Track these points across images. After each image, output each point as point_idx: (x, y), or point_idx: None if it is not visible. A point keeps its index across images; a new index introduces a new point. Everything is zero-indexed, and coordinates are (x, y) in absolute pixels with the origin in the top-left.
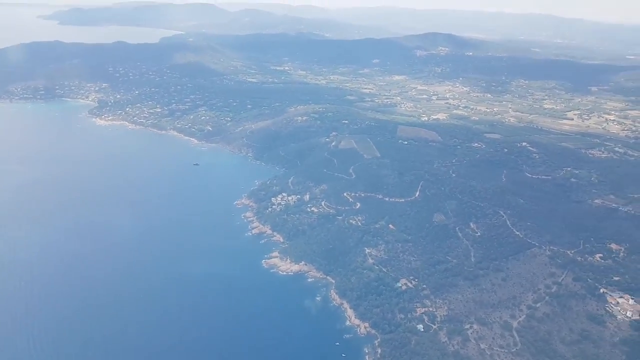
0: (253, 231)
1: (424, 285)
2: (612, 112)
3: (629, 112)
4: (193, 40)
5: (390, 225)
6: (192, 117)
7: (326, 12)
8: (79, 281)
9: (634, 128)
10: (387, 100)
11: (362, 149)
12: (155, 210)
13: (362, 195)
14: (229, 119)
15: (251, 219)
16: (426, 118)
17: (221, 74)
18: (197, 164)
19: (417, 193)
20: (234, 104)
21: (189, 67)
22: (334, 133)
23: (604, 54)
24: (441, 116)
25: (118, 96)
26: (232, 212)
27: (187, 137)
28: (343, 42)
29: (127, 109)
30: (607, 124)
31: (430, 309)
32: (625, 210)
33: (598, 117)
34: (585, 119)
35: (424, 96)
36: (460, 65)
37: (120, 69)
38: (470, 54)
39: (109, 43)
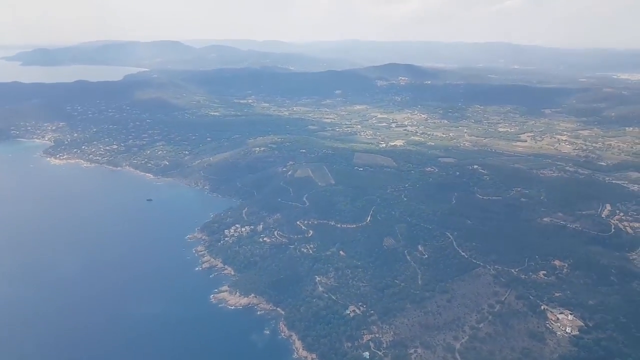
0: (203, 265)
1: (372, 311)
2: (564, 133)
3: (580, 132)
4: (157, 77)
5: (341, 252)
6: (148, 152)
7: (292, 47)
8: (17, 323)
9: (584, 147)
10: (348, 129)
11: (318, 176)
12: (102, 249)
13: (315, 222)
14: (187, 152)
15: (202, 252)
16: (384, 145)
17: (182, 109)
18: (150, 200)
19: (369, 218)
20: (193, 137)
21: (150, 103)
22: (290, 162)
23: (557, 77)
24: (399, 143)
25: (75, 135)
26: (183, 246)
27: (142, 173)
28: (306, 74)
29: (83, 147)
30: (559, 144)
31: (377, 335)
32: (573, 227)
33: (550, 138)
34: (538, 140)
35: (384, 124)
36: (419, 94)
37: (79, 108)
38: (429, 82)
39: (69, 82)
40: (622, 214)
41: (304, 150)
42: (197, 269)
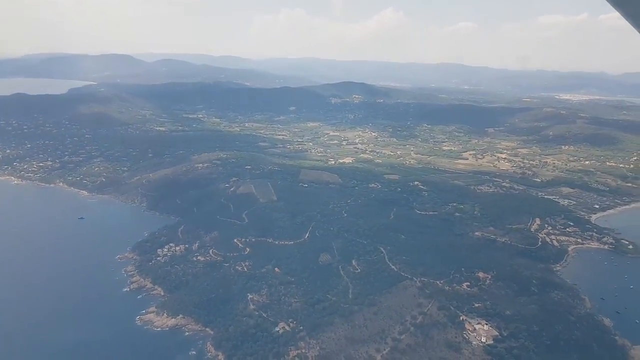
0: (132, 286)
1: (301, 327)
2: (504, 151)
3: (519, 150)
4: (103, 91)
5: (276, 269)
6: (85, 168)
7: (249, 63)
8: None
9: (522, 164)
10: (299, 146)
11: (260, 193)
12: (25, 270)
13: (253, 240)
14: (125, 169)
15: (132, 273)
16: (333, 162)
17: (126, 124)
18: (82, 218)
19: (307, 234)
20: (134, 153)
21: (92, 117)
22: (234, 179)
23: (503, 98)
24: (347, 160)
25: (8, 151)
26: (113, 266)
27: (76, 190)
28: (261, 90)
29: (15, 163)
30: (499, 161)
31: (303, 351)
32: (503, 240)
33: (491, 156)
34: (479, 158)
35: (335, 141)
36: (371, 112)
37: (14, 122)
38: (381, 101)
39: (6, 95)
40: (550, 228)
41: (249, 167)
42: (125, 290)
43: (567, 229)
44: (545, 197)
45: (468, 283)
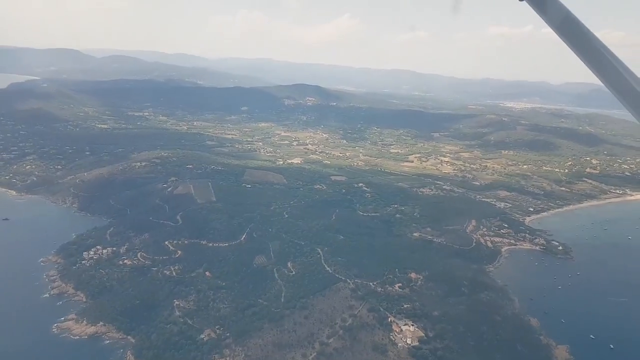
0: (52, 292)
1: (228, 334)
2: (448, 155)
3: (461, 154)
4: (46, 86)
5: (207, 273)
6: (15, 167)
7: (204, 61)
8: None
9: (462, 168)
10: (248, 145)
11: (199, 193)
12: None
13: (186, 242)
14: (59, 167)
15: (54, 277)
16: (281, 162)
17: (66, 121)
18: (6, 219)
19: (244, 236)
20: (70, 151)
21: (30, 114)
22: (173, 178)
23: (451, 104)
24: (296, 160)
25: None
26: (35, 271)
27: (3, 189)
28: (213, 89)
29: None
30: (442, 165)
31: (228, 359)
32: (439, 241)
33: (435, 159)
34: (424, 161)
35: (286, 142)
36: (324, 114)
37: None
38: (334, 104)
39: None
40: (485, 229)
41: (190, 166)
42: (44, 295)
43: (502, 231)
44: (483, 199)
45: (400, 284)
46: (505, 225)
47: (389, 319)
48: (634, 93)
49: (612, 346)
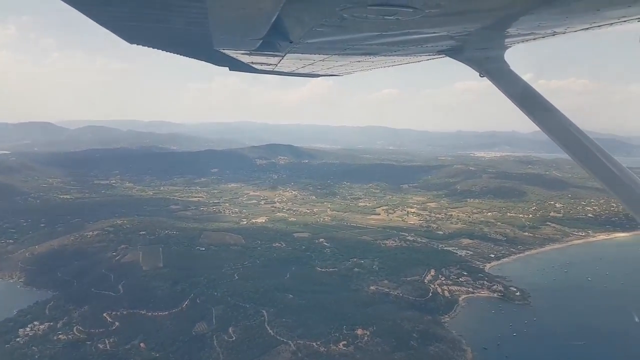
0: None
1: None
2: (414, 206)
3: (428, 204)
4: (14, 160)
5: (142, 344)
6: None
7: (180, 127)
8: None
9: (428, 218)
10: (214, 207)
11: (146, 260)
12: None
13: (125, 312)
14: (11, 241)
15: None
16: (245, 222)
17: (27, 193)
18: None
19: (186, 303)
20: (25, 224)
21: None
22: (123, 246)
23: (422, 157)
24: (261, 219)
25: None
26: None
27: None
28: (184, 153)
29: None
30: (407, 216)
31: None
32: (395, 293)
33: (401, 211)
34: (391, 213)
35: (254, 201)
36: (295, 172)
37: None
38: (306, 161)
39: None
40: (443, 278)
41: (144, 232)
42: None
43: (460, 279)
44: (445, 248)
45: (345, 342)
46: (465, 273)
47: None
48: (595, 161)
49: None
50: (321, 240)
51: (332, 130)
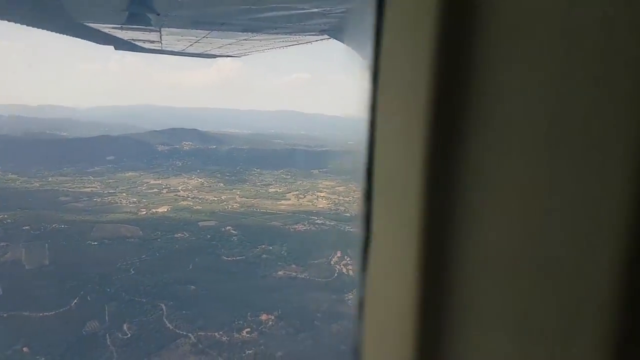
0: None
1: None
2: (324, 190)
3: (337, 188)
4: None
5: (24, 348)
6: None
7: (73, 111)
8: None
9: (336, 201)
10: (109, 198)
11: (29, 258)
12: None
13: (5, 316)
14: None
15: None
16: (145, 212)
17: None
18: None
19: (75, 301)
20: None
21: None
22: (3, 244)
23: (333, 142)
24: (163, 209)
25: None
26: None
27: None
28: (75, 140)
29: None
30: (318, 200)
31: None
32: (302, 276)
33: (311, 195)
34: (301, 198)
35: (154, 190)
36: (201, 159)
37: None
38: (214, 147)
39: None
40: (348, 259)
41: (27, 227)
42: None
43: None
44: (352, 230)
45: (249, 329)
46: None
47: None
48: None
49: None
50: (228, 228)
51: (241, 114)
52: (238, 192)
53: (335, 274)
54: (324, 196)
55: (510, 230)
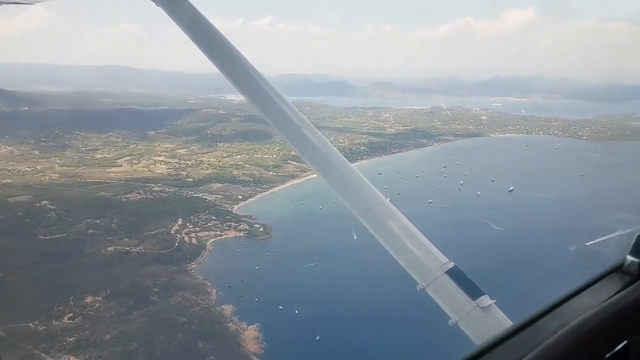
0: None
1: None
2: (162, 154)
3: (177, 151)
4: None
5: None
6: None
7: None
8: None
9: (177, 165)
10: None
11: None
12: None
13: None
14: None
15: None
16: None
17: None
18: None
19: None
20: None
21: None
22: None
23: (170, 100)
24: None
25: None
26: None
27: None
28: None
29: None
30: (155, 165)
31: None
32: (137, 250)
33: (147, 160)
34: (135, 163)
35: None
36: (10, 123)
37: None
38: (26, 109)
39: None
40: (191, 226)
41: None
42: None
43: (209, 224)
44: (194, 195)
45: (71, 314)
46: (213, 218)
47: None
48: (267, 99)
49: (297, 311)
50: (44, 203)
51: (59, 69)
52: (57, 161)
53: (176, 244)
54: (162, 160)
55: None
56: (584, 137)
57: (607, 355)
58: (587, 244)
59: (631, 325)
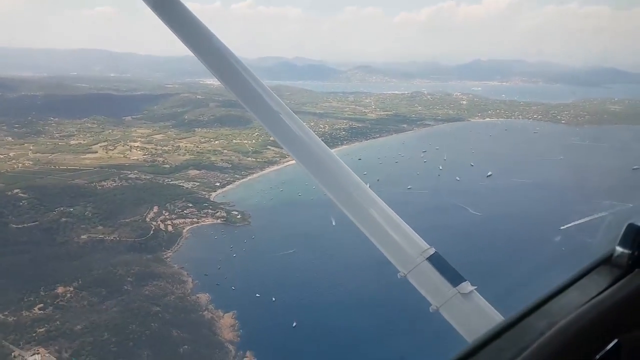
0: None
1: None
2: (139, 139)
3: (154, 136)
4: None
5: None
6: None
7: None
8: None
9: (153, 152)
10: None
11: None
12: None
13: None
14: None
15: None
16: None
17: None
18: None
19: None
20: None
21: None
22: None
23: (147, 85)
24: None
25: None
26: None
27: None
28: None
29: None
30: (131, 151)
31: None
32: (111, 238)
33: (123, 146)
34: (110, 149)
35: None
36: None
37: None
38: None
39: None
40: (167, 214)
41: None
42: None
43: (185, 211)
44: (171, 182)
45: (42, 305)
46: (190, 205)
47: (13, 354)
48: (232, 72)
49: (274, 299)
50: (16, 191)
51: (33, 53)
52: (31, 147)
53: (151, 232)
54: (138, 146)
55: None
56: (563, 122)
57: (598, 356)
58: (562, 227)
59: (622, 322)
